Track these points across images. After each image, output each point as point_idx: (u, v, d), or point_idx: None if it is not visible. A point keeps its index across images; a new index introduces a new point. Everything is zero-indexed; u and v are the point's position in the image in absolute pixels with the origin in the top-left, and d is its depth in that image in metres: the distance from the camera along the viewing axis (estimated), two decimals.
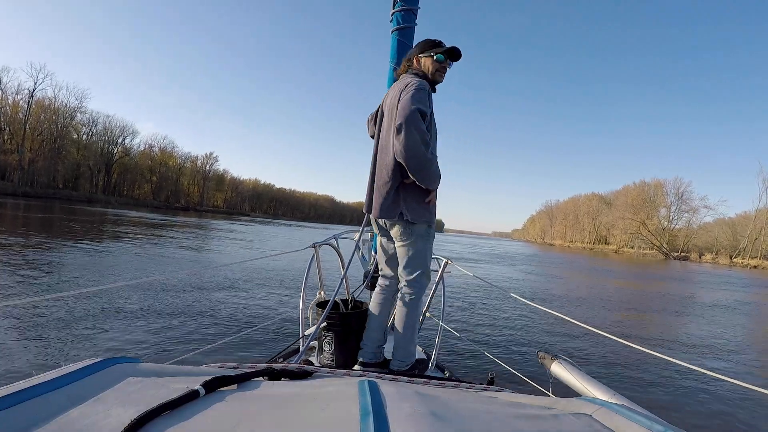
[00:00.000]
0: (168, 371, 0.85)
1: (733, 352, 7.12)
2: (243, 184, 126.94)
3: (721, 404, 4.45)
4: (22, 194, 52.59)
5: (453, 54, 2.07)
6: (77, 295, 6.08)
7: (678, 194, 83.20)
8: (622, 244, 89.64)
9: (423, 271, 2.04)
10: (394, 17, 2.90)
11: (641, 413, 0.74)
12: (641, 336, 7.74)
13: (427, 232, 2.04)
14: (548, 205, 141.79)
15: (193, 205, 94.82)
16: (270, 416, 0.66)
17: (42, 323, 4.92)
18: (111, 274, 8.54)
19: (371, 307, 2.23)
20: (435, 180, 1.94)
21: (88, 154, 73.74)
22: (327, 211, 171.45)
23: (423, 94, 1.87)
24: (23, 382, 0.67)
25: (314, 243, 2.58)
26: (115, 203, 67.20)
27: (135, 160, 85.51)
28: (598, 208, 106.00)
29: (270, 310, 6.85)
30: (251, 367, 0.98)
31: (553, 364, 1.65)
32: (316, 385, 0.87)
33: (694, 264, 58.31)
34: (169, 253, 13.06)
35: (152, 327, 5.23)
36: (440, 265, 2.73)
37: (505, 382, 2.87)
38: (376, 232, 2.20)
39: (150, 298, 6.68)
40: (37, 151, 61.94)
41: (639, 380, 5.02)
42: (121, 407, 0.64)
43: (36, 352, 4.06)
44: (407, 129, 1.79)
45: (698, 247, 77.62)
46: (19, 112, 60.92)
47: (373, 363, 2.16)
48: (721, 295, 16.93)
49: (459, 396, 0.91)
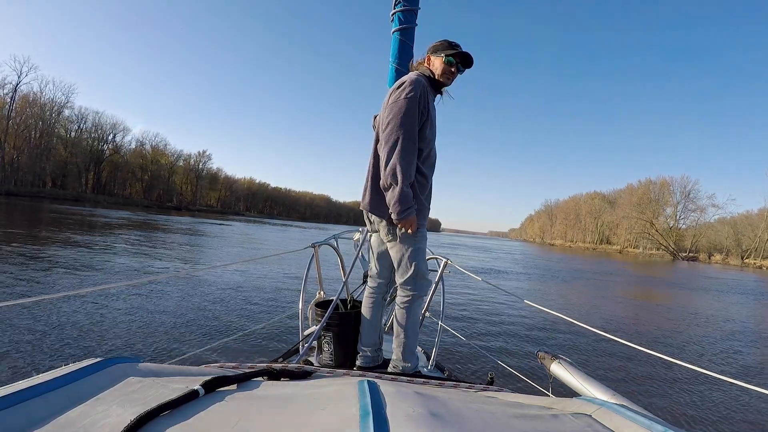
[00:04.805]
0: (168, 371, 0.85)
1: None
2: (237, 183, 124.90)
3: (722, 404, 4.40)
4: (5, 193, 50.33)
5: (464, 59, 2.02)
6: (77, 295, 5.98)
7: (685, 193, 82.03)
8: (627, 244, 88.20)
9: (416, 274, 1.99)
10: (395, 17, 2.83)
11: (641, 413, 0.74)
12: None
13: (417, 233, 1.98)
14: (548, 204, 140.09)
15: (185, 205, 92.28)
16: (269, 416, 0.66)
17: (41, 323, 4.84)
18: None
19: (363, 311, 2.20)
20: (402, 201, 1.83)
21: (76, 151, 71.13)
22: (323, 211, 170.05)
23: (415, 89, 1.86)
24: (23, 382, 0.67)
25: (314, 243, 2.59)
26: (104, 202, 64.54)
27: (126, 158, 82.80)
28: (601, 207, 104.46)
29: (269, 310, 6.80)
30: (251, 367, 0.99)
31: (552, 364, 1.63)
32: (315, 385, 0.87)
33: (704, 265, 56.95)
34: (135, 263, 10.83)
35: (152, 327, 5.19)
36: (439, 265, 2.77)
37: (505, 382, 2.75)
38: (368, 228, 2.17)
39: (149, 299, 6.60)
40: (20, 148, 59.18)
41: (639, 380, 4.99)
42: (121, 407, 0.64)
43: (36, 352, 4.01)
44: (393, 136, 1.83)
45: (705, 247, 76.12)
46: (3, 108, 57.96)
47: (371, 367, 2.15)
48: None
49: (458, 396, 0.90)
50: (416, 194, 1.94)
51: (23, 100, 60.91)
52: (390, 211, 1.88)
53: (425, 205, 2.02)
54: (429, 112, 1.93)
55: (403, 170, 1.81)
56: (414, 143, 1.85)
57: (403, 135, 1.81)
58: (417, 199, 1.94)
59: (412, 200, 1.87)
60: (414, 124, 1.85)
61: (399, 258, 2.00)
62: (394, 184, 1.83)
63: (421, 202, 1.98)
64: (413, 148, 1.85)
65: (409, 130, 1.82)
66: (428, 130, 1.94)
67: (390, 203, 1.86)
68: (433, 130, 1.99)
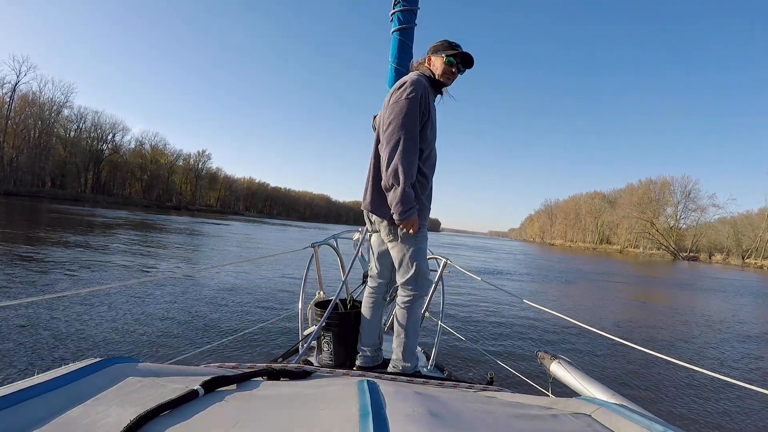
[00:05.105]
0: (167, 371, 0.85)
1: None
2: (237, 182, 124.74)
3: (722, 404, 4.38)
4: (4, 193, 50.31)
5: (465, 60, 2.03)
6: (76, 295, 5.97)
7: (685, 192, 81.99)
8: (627, 243, 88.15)
9: (417, 274, 2.00)
10: (394, 17, 2.83)
11: (640, 413, 0.74)
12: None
13: (418, 233, 1.99)
14: (548, 204, 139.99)
15: (185, 204, 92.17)
16: (269, 416, 0.66)
17: (37, 324, 4.81)
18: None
19: (363, 311, 2.21)
20: (404, 202, 1.84)
21: (76, 151, 71.06)
22: (323, 211, 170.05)
23: (415, 89, 1.87)
24: (23, 382, 0.67)
25: (313, 243, 2.58)
26: (103, 202, 64.52)
27: (125, 158, 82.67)
28: (601, 207, 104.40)
29: (269, 310, 6.77)
30: (250, 367, 0.98)
31: (552, 364, 1.63)
32: (315, 385, 0.87)
33: (705, 265, 56.83)
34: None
35: (151, 327, 5.16)
36: (439, 265, 2.78)
37: (505, 382, 2.73)
38: (368, 228, 2.17)
39: (147, 299, 6.55)
40: (20, 147, 59.05)
41: (639, 380, 4.97)
42: (121, 407, 0.63)
43: (35, 353, 4.00)
44: (394, 137, 1.83)
45: (705, 247, 76.03)
46: (2, 107, 57.83)
47: (371, 367, 2.15)
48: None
49: (458, 396, 0.90)
50: (417, 194, 1.95)
51: (22, 100, 60.80)
52: (392, 212, 1.89)
53: (426, 206, 2.03)
54: (430, 113, 1.94)
55: (404, 171, 1.82)
56: (415, 144, 1.86)
57: (405, 136, 1.82)
58: (418, 200, 1.94)
59: (414, 201, 1.88)
60: (415, 124, 1.86)
61: (400, 258, 2.01)
62: (396, 184, 1.84)
63: (422, 202, 1.99)
64: (414, 149, 1.86)
65: (410, 130, 1.84)
66: (429, 130, 1.95)
67: (392, 204, 1.88)
68: (433, 131, 2.01)
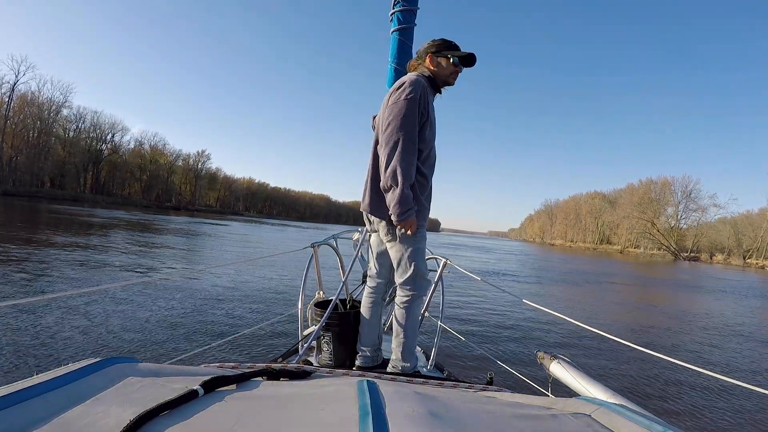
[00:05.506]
0: (167, 371, 0.85)
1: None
2: (236, 182, 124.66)
3: (722, 404, 4.36)
4: (2, 193, 50.24)
5: (469, 60, 2.03)
6: (76, 295, 5.96)
7: (686, 192, 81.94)
8: (627, 244, 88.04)
9: (416, 274, 2.00)
10: (394, 17, 2.83)
11: (640, 413, 0.74)
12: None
13: (416, 234, 1.99)
14: (548, 204, 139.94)
15: (184, 204, 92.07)
16: (269, 416, 0.66)
17: (39, 324, 4.82)
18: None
19: (362, 311, 2.21)
20: (402, 203, 1.83)
21: (75, 151, 70.90)
22: (323, 211, 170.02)
23: (415, 90, 1.86)
24: (23, 382, 0.67)
25: (313, 243, 2.58)
26: (102, 202, 64.39)
27: (124, 158, 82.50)
28: (601, 207, 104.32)
29: (268, 310, 6.77)
30: (250, 367, 0.99)
31: (552, 363, 1.63)
32: (315, 385, 0.87)
33: (706, 265, 56.71)
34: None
35: (150, 327, 5.17)
36: (439, 265, 2.78)
37: (504, 382, 2.83)
38: (368, 228, 2.17)
39: (148, 299, 6.59)
40: (18, 147, 58.91)
41: (639, 380, 4.94)
42: (120, 407, 0.63)
43: (34, 353, 4.00)
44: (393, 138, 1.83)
45: (706, 247, 75.88)
46: (0, 107, 57.68)
47: (370, 367, 2.16)
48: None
49: (458, 396, 0.90)
50: (416, 195, 1.94)
51: (21, 100, 60.56)
52: (390, 213, 1.88)
53: (425, 206, 2.02)
54: (429, 113, 1.94)
55: (403, 172, 1.81)
56: (414, 144, 1.86)
57: (404, 136, 1.82)
58: (417, 200, 1.94)
59: (413, 202, 1.88)
60: (414, 125, 1.85)
61: (398, 258, 2.01)
62: (395, 185, 1.83)
63: (421, 202, 1.99)
64: (413, 150, 1.85)
65: (409, 131, 1.83)
66: (428, 130, 1.95)
67: (390, 205, 1.87)
68: (432, 131, 2.00)
